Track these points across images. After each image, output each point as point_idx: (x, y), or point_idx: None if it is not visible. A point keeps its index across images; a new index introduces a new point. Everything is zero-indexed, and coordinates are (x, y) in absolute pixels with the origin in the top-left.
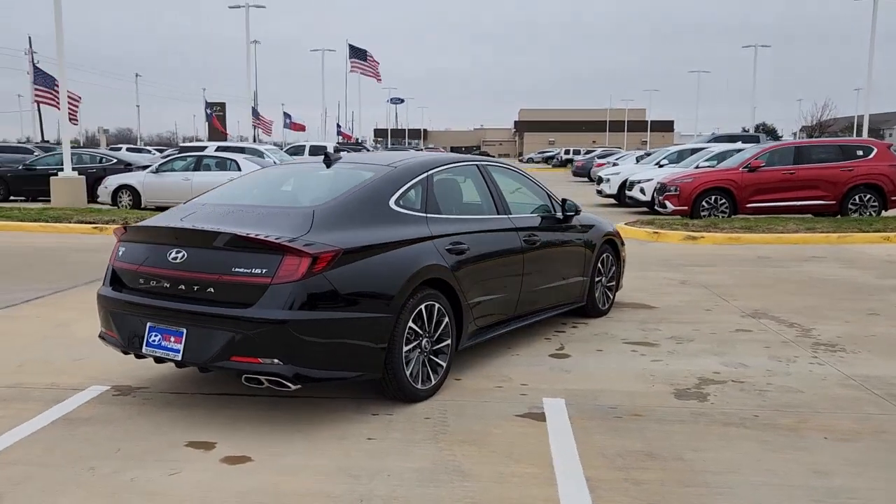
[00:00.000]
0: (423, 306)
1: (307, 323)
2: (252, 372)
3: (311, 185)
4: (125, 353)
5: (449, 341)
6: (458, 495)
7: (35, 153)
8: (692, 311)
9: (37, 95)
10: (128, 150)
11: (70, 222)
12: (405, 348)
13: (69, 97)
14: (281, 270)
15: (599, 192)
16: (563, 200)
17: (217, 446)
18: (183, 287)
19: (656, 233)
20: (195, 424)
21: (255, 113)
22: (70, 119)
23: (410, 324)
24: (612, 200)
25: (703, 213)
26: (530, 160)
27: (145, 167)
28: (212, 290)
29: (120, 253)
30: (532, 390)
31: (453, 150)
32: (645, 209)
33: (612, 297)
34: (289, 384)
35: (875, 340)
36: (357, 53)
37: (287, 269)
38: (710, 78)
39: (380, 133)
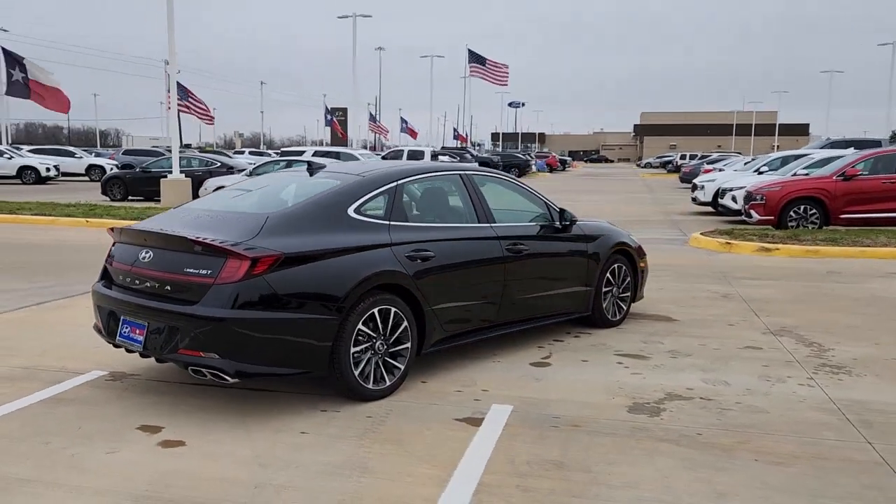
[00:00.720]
0: (376, 310)
1: (245, 321)
2: (195, 364)
3: (280, 193)
4: (108, 342)
5: (408, 345)
6: (347, 489)
7: (165, 156)
8: (713, 325)
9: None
10: (250, 153)
11: None
12: (354, 349)
13: (199, 103)
14: (223, 272)
15: (694, 200)
16: (562, 210)
17: (162, 431)
18: (148, 284)
19: (728, 243)
20: (156, 410)
21: (373, 118)
22: (205, 122)
23: (360, 326)
24: (707, 208)
25: (790, 224)
26: (648, 165)
27: (242, 170)
28: (168, 287)
29: (111, 252)
30: (489, 396)
31: (571, 154)
32: (737, 218)
33: (625, 308)
34: (227, 377)
35: (894, 365)
36: (476, 58)
37: (229, 271)
38: (847, 79)
39: (497, 137)
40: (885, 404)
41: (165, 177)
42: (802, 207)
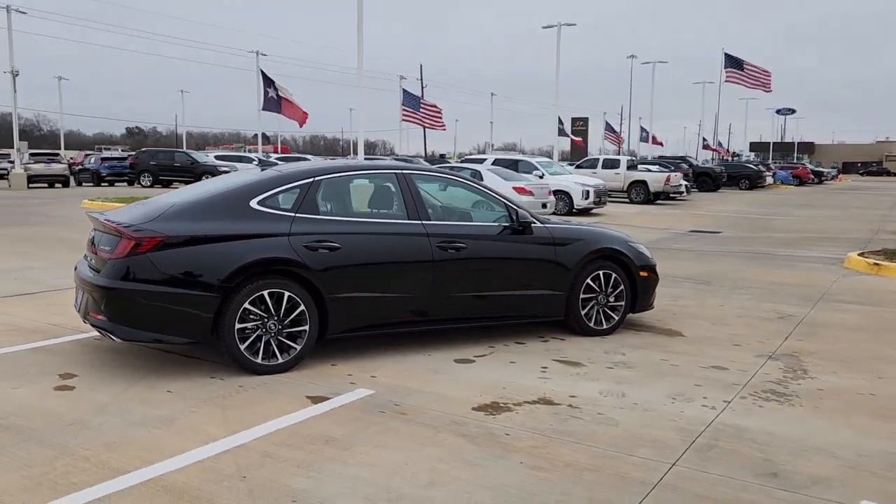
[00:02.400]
0: (266, 292)
1: (127, 291)
2: (94, 325)
3: (214, 186)
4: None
5: (306, 328)
6: (136, 435)
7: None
8: (713, 344)
9: (404, 115)
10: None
11: None
12: (239, 325)
13: (430, 112)
14: (116, 250)
15: None
16: (516, 213)
17: (74, 379)
18: (92, 261)
19: (877, 265)
20: (91, 363)
21: (610, 128)
22: (437, 129)
23: (247, 305)
24: None
25: None
26: None
27: None
28: (94, 262)
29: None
30: (366, 381)
31: (845, 165)
32: None
33: (617, 317)
34: (112, 337)
35: (864, 399)
36: (733, 62)
37: (120, 249)
38: None
39: (757, 147)
40: (766, 434)
41: None
42: None
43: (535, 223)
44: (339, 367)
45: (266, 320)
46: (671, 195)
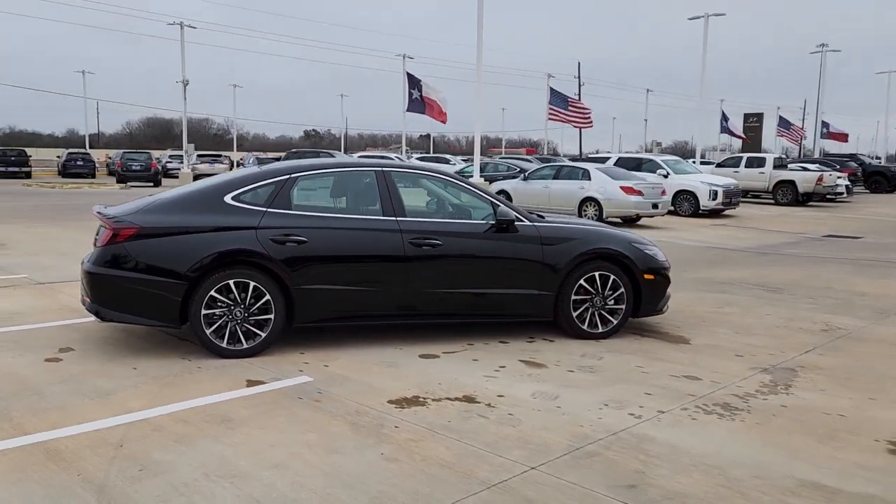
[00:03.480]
0: (232, 281)
1: (104, 276)
2: (85, 307)
3: (202, 183)
4: None
5: (271, 316)
6: (71, 402)
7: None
8: (712, 353)
9: (550, 114)
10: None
11: None
12: (205, 311)
13: (577, 110)
14: (100, 239)
15: None
16: (496, 210)
17: (69, 353)
18: (91, 251)
19: None
20: (94, 340)
21: (785, 123)
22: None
23: (213, 293)
24: None
25: None
26: None
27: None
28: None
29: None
30: (314, 369)
31: None
32: None
33: (615, 321)
34: (96, 317)
35: (827, 421)
36: None
37: (103, 238)
38: None
39: None
40: (669, 447)
41: None
42: None
43: (521, 221)
44: (304, 356)
45: (232, 308)
46: (827, 196)
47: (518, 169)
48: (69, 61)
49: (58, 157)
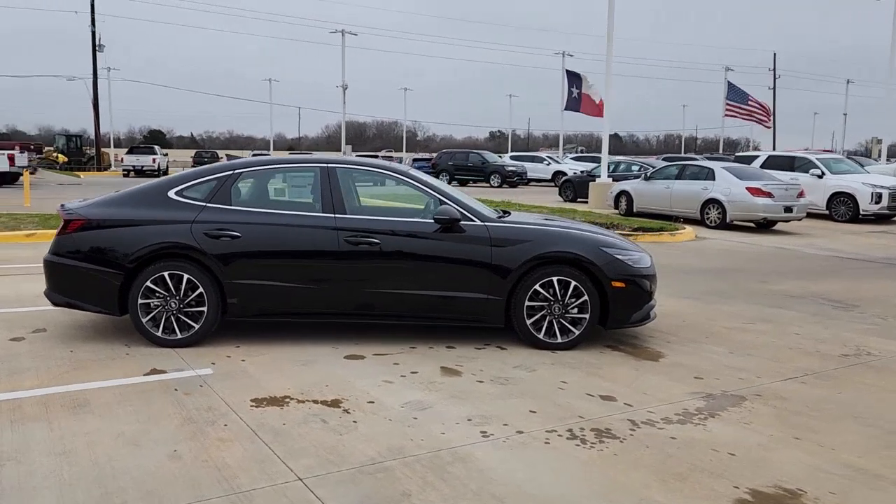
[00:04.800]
0: (166, 273)
1: (54, 264)
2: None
3: (155, 179)
4: None
5: (204, 308)
6: None
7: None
8: (669, 373)
9: (728, 110)
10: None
11: None
12: (142, 301)
13: (757, 107)
14: (59, 229)
15: None
16: (440, 209)
17: (38, 333)
18: None
19: None
20: (68, 324)
21: None
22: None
23: (149, 283)
24: None
25: None
26: None
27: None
28: None
29: None
30: (225, 364)
31: None
32: None
33: (577, 332)
34: (49, 302)
35: (703, 458)
36: None
37: (59, 228)
38: None
39: None
40: (479, 471)
41: (594, 180)
42: None
43: (470, 220)
44: (238, 349)
45: (168, 299)
46: None
47: (638, 168)
48: (278, 73)
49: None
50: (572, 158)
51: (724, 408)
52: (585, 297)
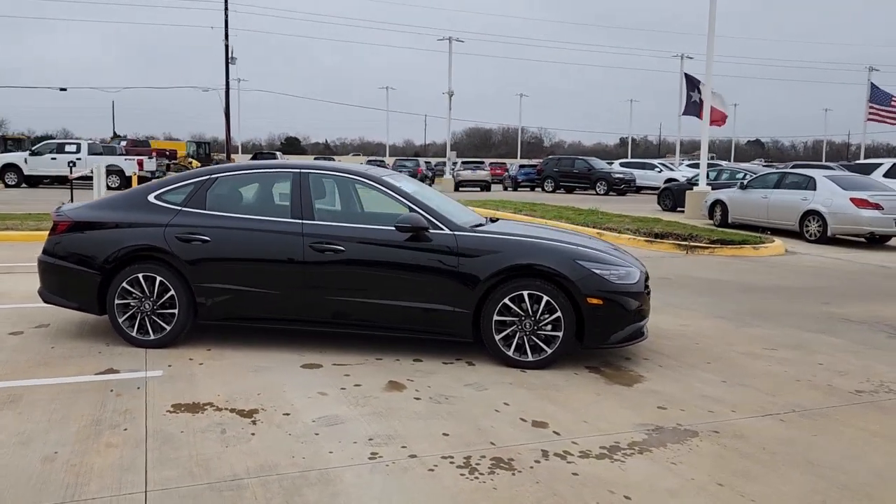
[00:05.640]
0: (140, 275)
1: (45, 263)
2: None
3: (142, 184)
4: None
5: (175, 311)
6: None
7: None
8: (626, 401)
9: (871, 113)
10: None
11: (635, 234)
12: (118, 301)
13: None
14: (50, 230)
15: None
16: (405, 217)
17: (41, 328)
18: None
19: None
20: (73, 321)
21: None
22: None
23: (124, 284)
24: None
25: None
26: None
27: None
28: None
29: None
30: (184, 366)
31: None
32: None
33: (549, 350)
34: (41, 299)
35: (586, 495)
36: None
37: (50, 229)
38: None
39: None
40: (332, 495)
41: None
42: None
43: (439, 229)
44: (210, 352)
45: (142, 300)
46: None
47: (743, 174)
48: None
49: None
50: (688, 165)
51: (664, 444)
52: (559, 314)
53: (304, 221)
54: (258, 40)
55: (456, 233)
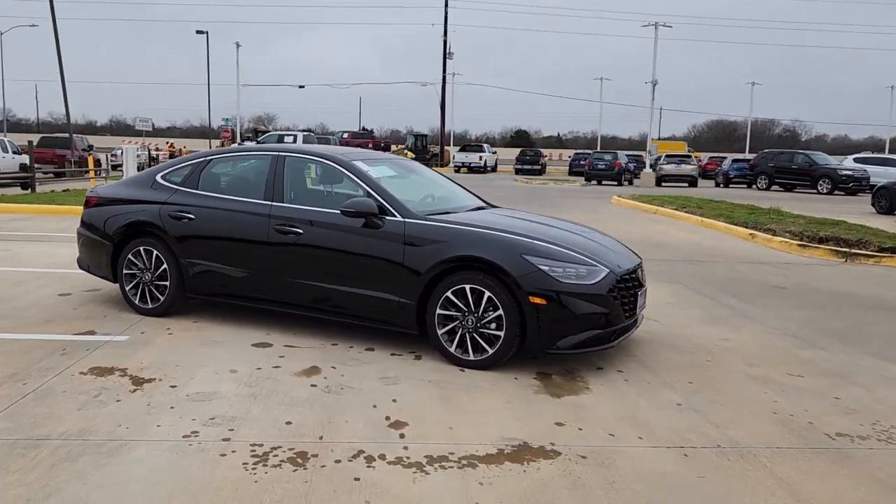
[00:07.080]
0: (142, 248)
1: (79, 234)
2: None
3: (164, 164)
4: None
5: (167, 283)
6: None
7: None
8: (537, 413)
9: None
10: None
11: (791, 237)
12: (125, 271)
13: None
14: (83, 204)
15: None
16: (353, 201)
17: (93, 292)
18: None
19: None
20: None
21: None
22: None
23: (130, 257)
24: None
25: None
26: None
27: None
28: None
29: None
30: (151, 335)
31: None
32: None
33: (490, 350)
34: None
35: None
36: None
37: (84, 204)
38: None
39: None
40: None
41: None
42: None
43: (391, 215)
44: (192, 324)
45: (143, 271)
46: None
47: None
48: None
49: (569, 157)
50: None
51: (502, 461)
52: (500, 311)
53: (272, 203)
54: (479, 35)
55: (406, 220)
